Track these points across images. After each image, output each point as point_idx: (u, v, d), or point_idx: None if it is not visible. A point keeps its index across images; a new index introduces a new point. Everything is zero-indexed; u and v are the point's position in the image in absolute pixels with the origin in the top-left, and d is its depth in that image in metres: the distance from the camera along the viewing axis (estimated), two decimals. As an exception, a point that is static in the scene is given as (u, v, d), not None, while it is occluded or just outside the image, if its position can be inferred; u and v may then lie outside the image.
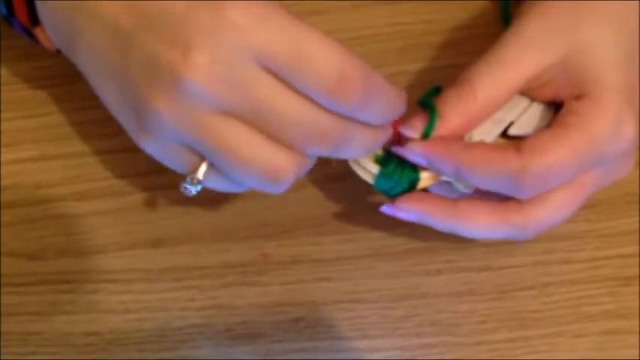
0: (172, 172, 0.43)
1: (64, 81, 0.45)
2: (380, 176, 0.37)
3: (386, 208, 0.38)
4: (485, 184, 0.36)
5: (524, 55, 0.36)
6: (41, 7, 0.35)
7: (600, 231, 0.43)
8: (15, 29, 0.39)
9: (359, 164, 0.38)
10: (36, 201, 0.44)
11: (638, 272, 0.42)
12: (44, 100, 0.45)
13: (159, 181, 0.44)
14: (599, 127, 0.35)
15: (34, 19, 0.36)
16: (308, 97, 0.32)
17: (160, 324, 0.42)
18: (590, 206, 0.43)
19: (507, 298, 0.42)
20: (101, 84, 0.35)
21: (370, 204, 0.43)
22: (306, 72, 0.31)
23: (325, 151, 0.34)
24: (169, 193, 0.44)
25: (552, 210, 0.37)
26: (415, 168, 0.38)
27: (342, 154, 0.34)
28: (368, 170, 0.38)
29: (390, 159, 0.38)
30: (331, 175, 0.44)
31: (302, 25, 0.31)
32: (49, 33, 0.36)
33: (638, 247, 0.43)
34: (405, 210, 0.38)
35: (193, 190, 0.34)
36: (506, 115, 0.38)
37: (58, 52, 0.38)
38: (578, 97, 0.36)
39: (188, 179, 0.34)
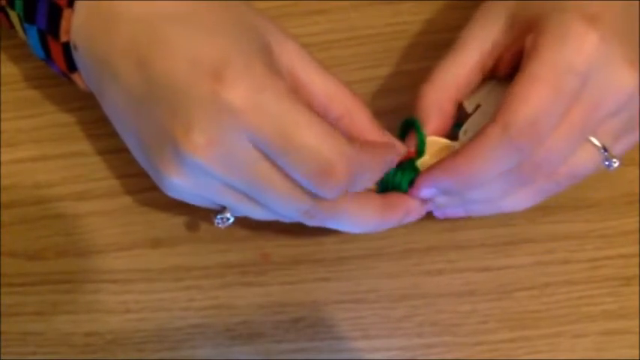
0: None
1: (63, 81, 0.45)
2: (382, 182, 0.38)
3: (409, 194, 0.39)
4: (491, 170, 0.36)
5: (472, 33, 0.38)
6: (76, 57, 0.37)
7: (600, 231, 0.43)
8: (53, 70, 0.40)
9: None
10: (36, 201, 0.44)
11: (638, 272, 0.42)
12: (44, 100, 0.45)
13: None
14: (547, 50, 0.34)
15: (72, 66, 0.38)
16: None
17: (160, 324, 0.42)
18: (591, 206, 0.43)
19: (508, 298, 0.42)
20: (122, 135, 0.37)
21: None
22: (292, 159, 0.33)
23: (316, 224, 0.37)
24: (169, 193, 0.44)
25: (557, 146, 0.36)
26: (415, 167, 0.38)
27: (334, 226, 0.37)
28: None
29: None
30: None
31: (294, 109, 0.33)
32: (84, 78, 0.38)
33: (638, 247, 0.43)
34: (424, 187, 0.38)
35: (224, 224, 0.38)
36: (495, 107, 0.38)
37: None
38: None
39: (223, 219, 0.37)
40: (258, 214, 0.37)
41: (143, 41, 0.33)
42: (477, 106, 0.39)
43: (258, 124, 0.32)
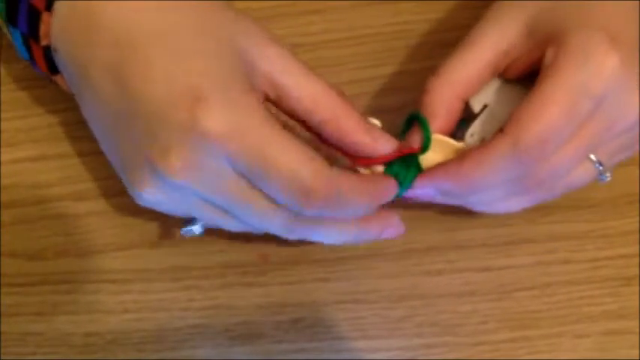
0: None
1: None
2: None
3: (406, 194, 0.39)
4: (493, 181, 0.36)
5: (487, 32, 0.38)
6: (57, 59, 0.37)
7: (601, 231, 0.43)
8: (37, 71, 0.40)
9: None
10: (35, 201, 0.44)
11: (638, 272, 0.42)
12: (44, 100, 0.45)
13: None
14: (568, 69, 0.34)
15: (53, 69, 0.38)
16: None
17: (159, 324, 0.42)
18: (591, 206, 0.43)
19: (508, 298, 0.42)
20: (99, 140, 0.38)
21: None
22: (271, 182, 0.33)
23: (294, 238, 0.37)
24: (169, 193, 0.44)
25: (561, 163, 0.36)
26: (419, 164, 0.38)
27: (313, 239, 0.38)
28: (372, 171, 0.38)
29: (393, 160, 0.37)
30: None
31: (272, 133, 0.33)
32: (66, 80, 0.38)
33: (638, 247, 0.42)
34: (423, 187, 0.38)
35: (190, 234, 0.38)
36: (505, 111, 0.38)
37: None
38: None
39: (186, 229, 0.38)
40: (233, 226, 0.37)
41: (123, 60, 0.33)
42: (484, 106, 0.39)
43: (235, 149, 0.33)
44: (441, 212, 0.43)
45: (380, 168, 0.38)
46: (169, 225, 0.43)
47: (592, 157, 0.37)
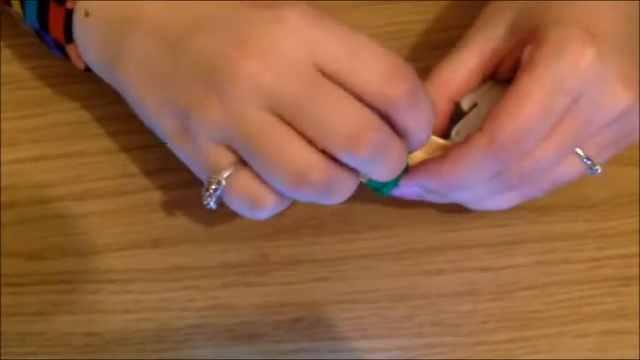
0: (172, 172, 0.43)
1: (63, 81, 0.45)
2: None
3: (393, 192, 0.38)
4: (475, 177, 0.36)
5: (476, 33, 0.38)
6: (79, 27, 0.37)
7: (601, 231, 0.43)
8: (44, 42, 0.40)
9: None
10: (36, 201, 0.44)
11: (638, 272, 0.42)
12: (44, 100, 0.45)
13: (159, 181, 0.44)
14: (542, 67, 0.34)
15: (69, 37, 0.37)
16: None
17: (159, 324, 0.42)
18: (591, 206, 0.43)
19: (508, 298, 0.42)
20: (144, 96, 0.35)
21: (370, 204, 0.43)
22: (358, 71, 0.32)
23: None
24: (169, 193, 0.44)
25: (543, 158, 0.36)
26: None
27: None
28: None
29: None
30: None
31: (353, 31, 0.32)
32: (82, 51, 0.38)
33: (638, 247, 0.42)
34: (408, 185, 0.38)
35: (212, 202, 0.35)
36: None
37: (87, 70, 0.39)
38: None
39: (211, 184, 0.34)
40: (274, 164, 0.33)
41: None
42: (474, 105, 0.39)
43: (321, 37, 0.32)
44: (441, 212, 0.43)
45: None
46: (169, 225, 0.43)
47: (578, 151, 0.37)
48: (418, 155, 0.38)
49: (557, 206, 0.43)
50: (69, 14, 0.37)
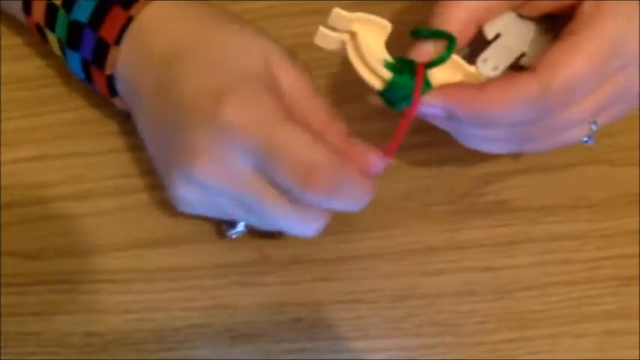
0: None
1: (63, 81, 0.45)
2: (391, 84, 0.35)
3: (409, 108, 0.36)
4: (509, 119, 0.35)
5: None
6: (116, 85, 0.41)
7: (601, 231, 0.43)
8: (94, 89, 0.43)
9: (367, 65, 0.35)
10: (35, 201, 0.44)
11: (638, 272, 0.42)
12: (44, 100, 0.45)
13: (158, 181, 0.43)
14: (610, 24, 0.34)
15: (113, 92, 0.41)
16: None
17: (159, 324, 0.42)
18: (591, 206, 0.43)
19: (508, 298, 0.42)
20: (150, 154, 0.41)
21: (370, 204, 0.43)
22: (279, 167, 0.34)
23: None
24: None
25: (578, 114, 0.36)
26: (429, 81, 0.35)
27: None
28: (377, 74, 0.35)
29: (403, 67, 0.35)
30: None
31: (283, 123, 0.35)
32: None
33: (638, 247, 0.42)
34: (432, 105, 0.36)
35: (236, 234, 0.42)
36: (518, 45, 0.37)
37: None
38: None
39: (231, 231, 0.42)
40: (260, 223, 0.39)
41: (162, 79, 0.37)
42: (497, 35, 0.37)
43: (249, 137, 0.34)
44: (441, 212, 0.43)
45: (387, 74, 0.35)
46: (169, 225, 0.43)
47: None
48: (439, 76, 0.36)
49: (557, 206, 0.43)
50: (110, 77, 0.40)
